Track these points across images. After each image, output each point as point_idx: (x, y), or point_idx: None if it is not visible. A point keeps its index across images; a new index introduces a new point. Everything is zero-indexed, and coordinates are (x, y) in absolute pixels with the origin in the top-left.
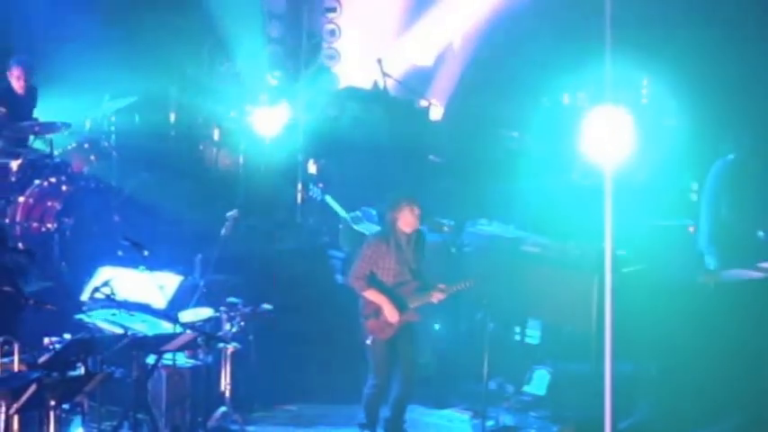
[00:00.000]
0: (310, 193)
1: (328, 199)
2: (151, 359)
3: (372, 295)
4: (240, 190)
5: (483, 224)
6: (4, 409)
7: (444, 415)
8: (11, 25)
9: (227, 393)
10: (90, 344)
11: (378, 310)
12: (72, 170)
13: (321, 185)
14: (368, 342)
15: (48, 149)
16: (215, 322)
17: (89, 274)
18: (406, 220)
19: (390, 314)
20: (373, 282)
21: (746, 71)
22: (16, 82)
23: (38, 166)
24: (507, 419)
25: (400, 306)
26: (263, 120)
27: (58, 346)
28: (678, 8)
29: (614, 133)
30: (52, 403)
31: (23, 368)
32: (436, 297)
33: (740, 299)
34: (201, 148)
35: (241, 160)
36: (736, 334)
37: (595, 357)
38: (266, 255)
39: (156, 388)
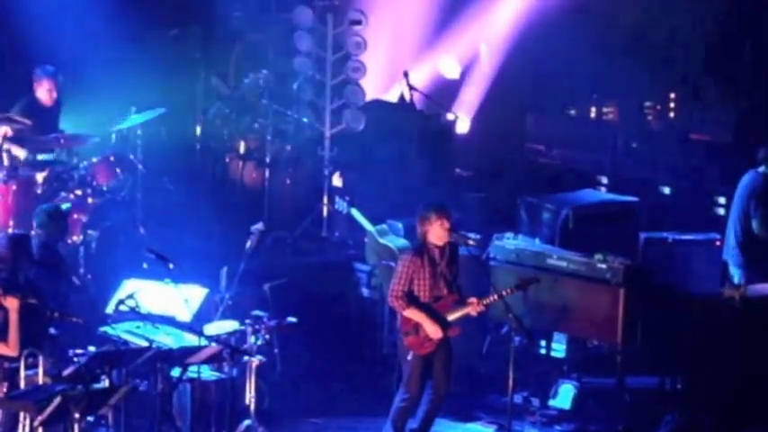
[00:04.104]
0: (336, 206)
1: (354, 212)
2: (176, 372)
3: (413, 314)
4: (265, 203)
5: (509, 238)
6: (28, 421)
7: (469, 428)
8: (37, 37)
9: (252, 406)
10: (115, 356)
11: (417, 327)
12: (97, 182)
13: (347, 198)
14: (408, 358)
15: (73, 162)
16: (240, 335)
17: (114, 286)
18: (437, 234)
19: (433, 332)
20: (410, 297)
21: None
22: (46, 94)
23: (63, 178)
24: None
25: (440, 321)
26: (290, 133)
27: (82, 358)
28: (706, 22)
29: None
30: (77, 416)
31: (48, 381)
32: (474, 309)
33: (766, 313)
34: (227, 160)
35: (267, 173)
36: (762, 347)
37: (621, 371)
38: (292, 268)
39: (181, 401)
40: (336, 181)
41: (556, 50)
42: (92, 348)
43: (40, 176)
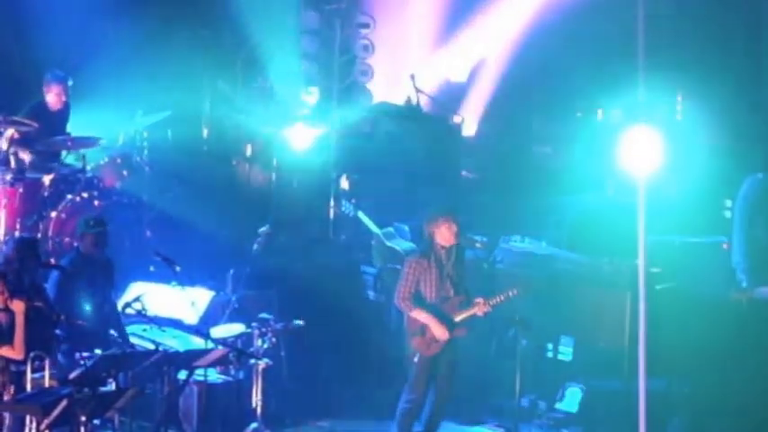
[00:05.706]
0: (343, 209)
1: (361, 215)
2: (182, 375)
3: (420, 315)
4: (272, 206)
5: (516, 240)
6: (35, 425)
7: (476, 431)
8: (44, 40)
9: (259, 409)
10: (121, 359)
11: (424, 328)
12: (104, 185)
13: (354, 201)
14: (414, 360)
15: (81, 164)
16: (246, 338)
17: (121, 289)
18: (444, 236)
19: (439, 332)
20: (417, 299)
21: None
22: (55, 98)
23: (70, 180)
24: None
25: (446, 322)
26: (296, 135)
27: (89, 361)
28: (711, 27)
29: (648, 150)
30: (83, 419)
31: (54, 384)
32: (481, 310)
33: None
34: (234, 163)
35: (273, 176)
36: None
37: (628, 375)
38: (298, 271)
39: (188, 404)
40: (343, 184)
41: (562, 52)
42: (98, 351)
43: (46, 179)
